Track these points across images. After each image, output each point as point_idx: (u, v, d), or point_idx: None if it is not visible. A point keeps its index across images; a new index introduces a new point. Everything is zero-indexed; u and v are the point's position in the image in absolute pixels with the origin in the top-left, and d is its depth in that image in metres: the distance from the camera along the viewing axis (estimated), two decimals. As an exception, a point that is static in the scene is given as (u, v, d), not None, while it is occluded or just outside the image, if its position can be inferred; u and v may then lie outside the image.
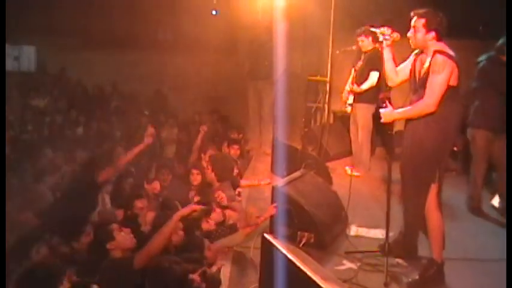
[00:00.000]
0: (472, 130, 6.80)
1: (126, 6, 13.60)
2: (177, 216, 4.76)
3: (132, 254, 4.57)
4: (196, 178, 6.91)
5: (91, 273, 4.42)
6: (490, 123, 6.55)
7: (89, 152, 8.26)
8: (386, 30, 5.00)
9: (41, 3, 14.01)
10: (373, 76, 8.05)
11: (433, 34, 4.74)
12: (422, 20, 4.76)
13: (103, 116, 11.10)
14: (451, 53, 4.68)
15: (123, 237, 4.74)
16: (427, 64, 4.75)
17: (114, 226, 4.80)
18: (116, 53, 14.25)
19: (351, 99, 8.38)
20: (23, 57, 15.15)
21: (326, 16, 8.83)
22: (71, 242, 5.09)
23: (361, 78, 8.20)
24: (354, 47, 8.48)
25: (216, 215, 5.91)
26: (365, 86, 8.12)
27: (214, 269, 4.91)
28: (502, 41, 6.56)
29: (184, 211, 4.87)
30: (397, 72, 5.15)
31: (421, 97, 4.79)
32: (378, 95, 8.15)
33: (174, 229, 4.79)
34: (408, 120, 4.97)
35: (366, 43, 8.14)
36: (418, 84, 4.88)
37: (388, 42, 5.04)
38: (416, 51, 5.01)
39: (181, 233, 5.07)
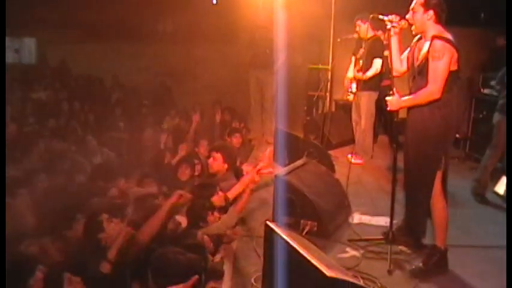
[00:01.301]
0: (499, 115, 6.79)
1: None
2: (166, 205, 4.79)
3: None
4: (196, 168, 6.88)
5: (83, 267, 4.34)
6: None
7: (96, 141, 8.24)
8: (394, 17, 4.97)
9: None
10: (377, 64, 8.06)
11: (431, 13, 4.71)
12: (421, 0, 4.74)
13: (105, 108, 11.08)
14: (449, 37, 4.66)
15: (113, 228, 4.63)
16: (424, 50, 4.74)
17: (104, 216, 4.73)
18: (117, 45, 14.22)
19: (354, 88, 8.38)
20: (23, 49, 15.12)
21: (327, 4, 8.79)
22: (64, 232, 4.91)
23: (365, 66, 8.20)
24: (355, 35, 8.49)
25: (218, 198, 5.87)
26: (369, 73, 8.12)
27: (217, 258, 4.91)
28: None
29: (172, 199, 4.89)
30: (402, 62, 5.14)
31: (419, 83, 4.78)
32: (381, 83, 8.17)
33: (165, 218, 4.77)
34: (410, 108, 4.97)
35: (363, 28, 8.14)
36: (416, 71, 4.87)
37: (396, 30, 5.02)
38: (416, 38, 5.00)
39: (177, 221, 5.05)
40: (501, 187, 7.13)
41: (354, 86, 8.38)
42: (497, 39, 8.36)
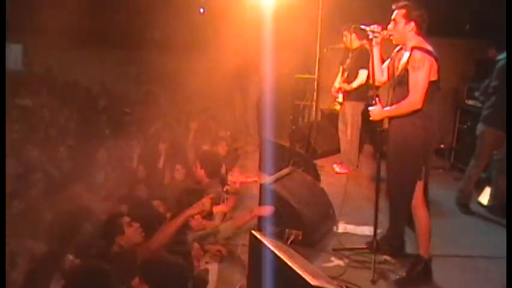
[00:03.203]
0: (483, 126, 6.82)
1: (114, 5, 13.54)
2: (185, 214, 4.82)
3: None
4: (178, 173, 6.88)
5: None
6: (502, 122, 6.50)
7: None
8: (376, 27, 5.01)
9: (28, 1, 13.90)
10: (362, 74, 8.06)
11: (412, 25, 4.77)
12: (402, 11, 4.79)
13: (91, 115, 11.03)
14: (429, 48, 4.71)
15: (132, 232, 4.68)
16: (404, 60, 4.79)
17: (125, 220, 4.72)
18: (104, 52, 14.17)
19: (340, 98, 8.41)
20: (9, 56, 15.01)
21: (314, 14, 8.84)
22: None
23: (351, 76, 8.22)
24: (342, 45, 8.52)
25: (206, 202, 5.79)
26: (355, 84, 8.14)
27: (202, 267, 4.88)
28: None
29: (194, 210, 4.94)
30: (383, 71, 5.18)
31: (400, 94, 4.82)
32: (367, 93, 8.19)
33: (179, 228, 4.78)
34: (392, 118, 5.00)
35: (349, 39, 8.17)
36: (396, 81, 4.91)
37: (378, 40, 5.06)
38: (397, 48, 5.04)
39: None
40: (485, 197, 7.19)
41: (340, 96, 8.41)
42: (489, 50, 8.39)
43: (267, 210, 5.62)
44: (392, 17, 4.86)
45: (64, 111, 10.88)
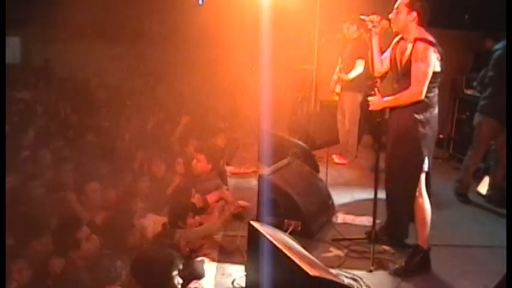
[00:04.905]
0: (480, 117, 6.81)
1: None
2: None
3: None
4: (178, 168, 6.88)
5: None
6: (499, 113, 6.50)
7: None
8: (375, 17, 5.00)
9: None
10: (360, 64, 8.05)
11: (414, 15, 4.74)
12: (406, 0, 4.77)
13: (89, 108, 11.00)
14: (432, 39, 4.69)
15: (89, 248, 4.43)
16: (408, 52, 4.76)
17: (84, 234, 4.43)
18: (101, 45, 14.15)
19: (338, 88, 8.39)
20: (7, 48, 14.98)
21: (313, 5, 8.81)
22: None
23: (349, 66, 8.21)
24: (340, 36, 8.49)
25: (196, 200, 5.84)
26: (352, 74, 8.13)
27: (196, 259, 4.87)
28: None
29: None
30: (382, 62, 5.16)
31: (404, 86, 4.80)
32: (365, 83, 8.18)
33: None
34: (392, 109, 4.99)
35: (351, 30, 8.15)
36: (400, 73, 4.88)
37: (377, 30, 5.04)
38: (396, 38, 5.03)
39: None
40: (483, 187, 7.20)
41: (338, 86, 8.40)
42: (486, 41, 8.40)
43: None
44: (396, 5, 4.85)
45: (60, 104, 10.85)
